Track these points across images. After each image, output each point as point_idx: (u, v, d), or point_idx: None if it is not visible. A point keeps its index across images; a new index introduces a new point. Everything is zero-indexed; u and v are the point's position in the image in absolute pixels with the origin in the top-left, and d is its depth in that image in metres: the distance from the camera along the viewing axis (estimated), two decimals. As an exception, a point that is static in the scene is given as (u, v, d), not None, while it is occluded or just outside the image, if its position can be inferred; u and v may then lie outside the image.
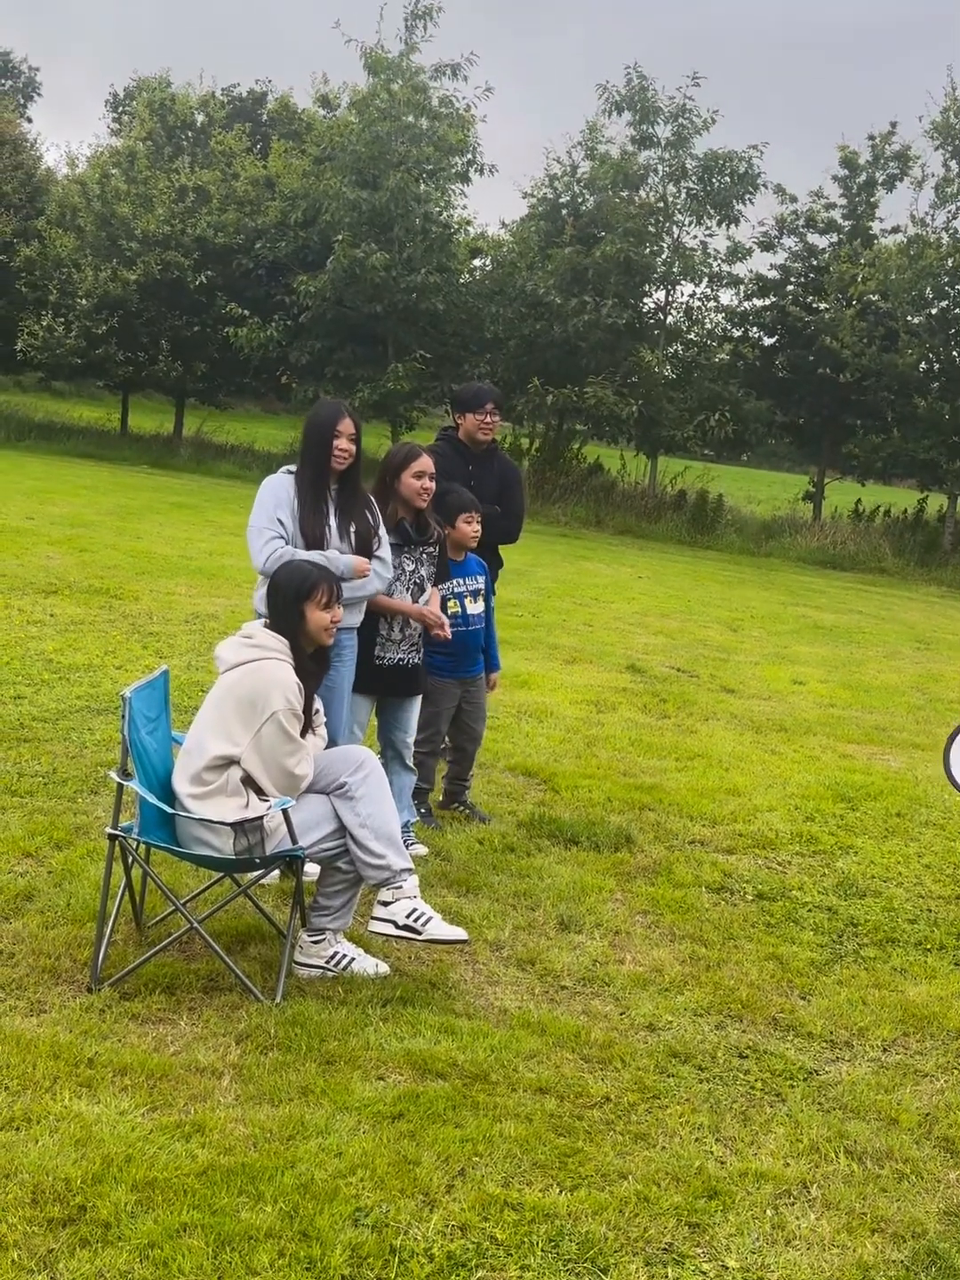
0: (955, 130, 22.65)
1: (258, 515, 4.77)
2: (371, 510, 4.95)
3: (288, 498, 4.77)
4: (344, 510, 4.83)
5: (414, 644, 5.27)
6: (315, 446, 4.77)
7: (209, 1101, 3.34)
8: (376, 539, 4.92)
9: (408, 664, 5.26)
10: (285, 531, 4.72)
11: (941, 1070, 4.04)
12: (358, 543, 4.83)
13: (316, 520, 4.74)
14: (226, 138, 26.83)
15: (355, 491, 4.88)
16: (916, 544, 23.40)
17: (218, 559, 12.87)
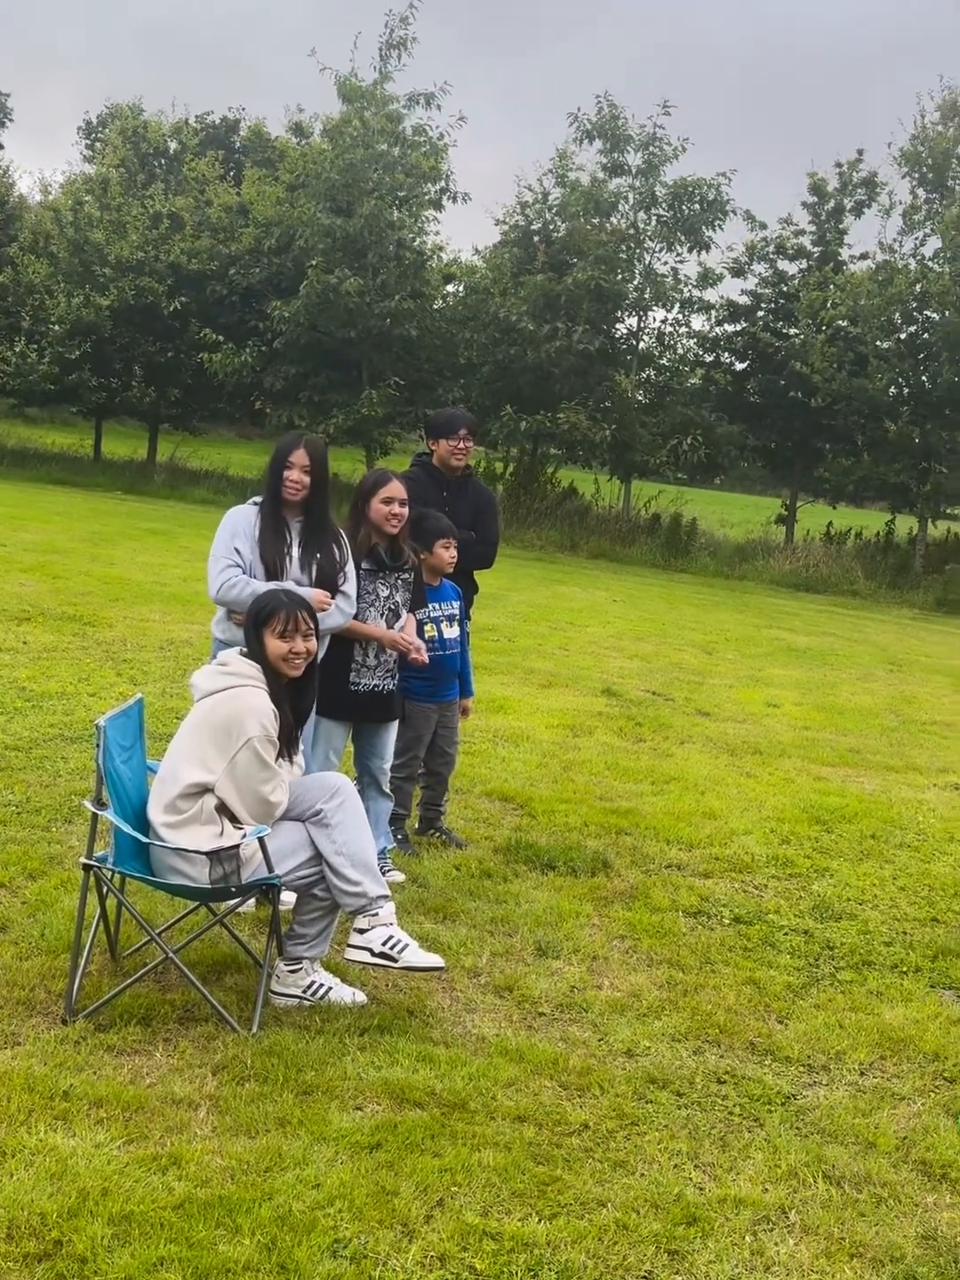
0: (923, 159, 22.96)
1: (216, 543, 4.82)
2: (339, 543, 4.94)
3: (248, 527, 4.80)
4: (307, 542, 4.83)
5: (389, 670, 5.27)
6: (271, 477, 4.83)
7: (185, 1133, 3.32)
8: (342, 574, 4.91)
9: (383, 690, 5.26)
10: (242, 560, 4.74)
11: (918, 1093, 4.05)
12: (319, 575, 4.82)
13: (275, 549, 4.76)
14: (199, 164, 26.92)
15: (320, 523, 4.87)
16: (888, 566, 23.60)
17: (192, 585, 12.84)
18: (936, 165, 22.86)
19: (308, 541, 4.84)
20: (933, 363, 23.08)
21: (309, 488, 4.79)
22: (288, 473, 4.77)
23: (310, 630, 4.23)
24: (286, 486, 4.77)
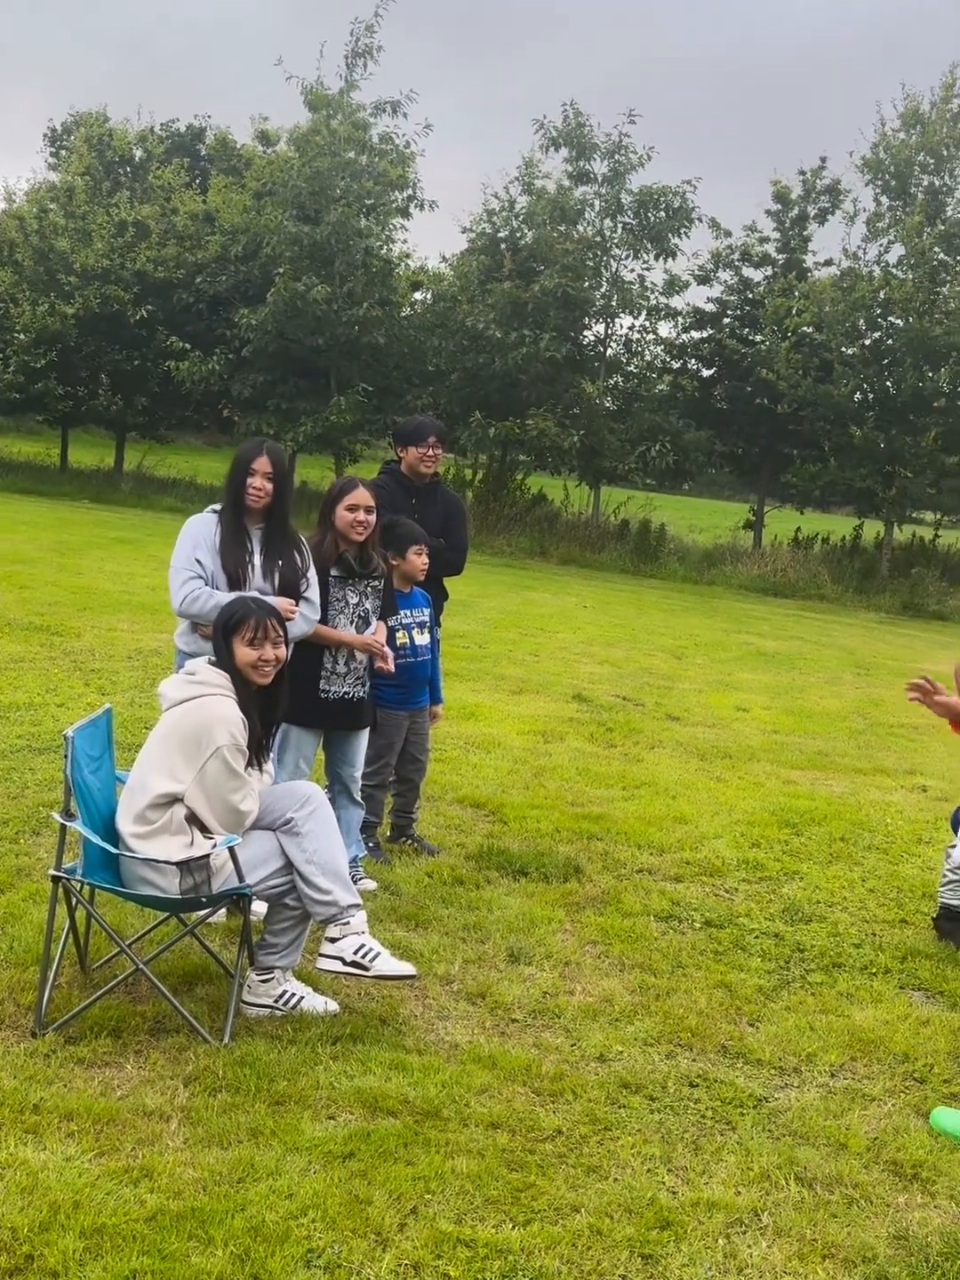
0: (885, 166, 23.17)
1: (176, 555, 4.77)
2: (300, 550, 4.92)
3: (208, 536, 4.75)
4: (268, 549, 4.81)
5: (359, 677, 5.26)
6: (232, 484, 4.78)
7: (157, 1145, 3.30)
8: (305, 580, 4.88)
9: (353, 697, 5.25)
10: (204, 571, 4.70)
11: (889, 1094, 4.08)
12: (282, 582, 4.79)
13: (237, 557, 4.73)
14: (165, 172, 26.84)
15: (281, 530, 4.84)
16: (854, 571, 23.78)
17: (160, 594, 12.76)
18: (899, 172, 23.07)
19: (269, 549, 4.81)
20: (897, 368, 23.28)
21: (271, 494, 4.77)
22: (250, 480, 4.73)
23: (280, 638, 4.23)
24: (249, 494, 4.74)
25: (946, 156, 22.86)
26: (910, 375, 22.80)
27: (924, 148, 22.83)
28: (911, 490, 23.63)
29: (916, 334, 22.36)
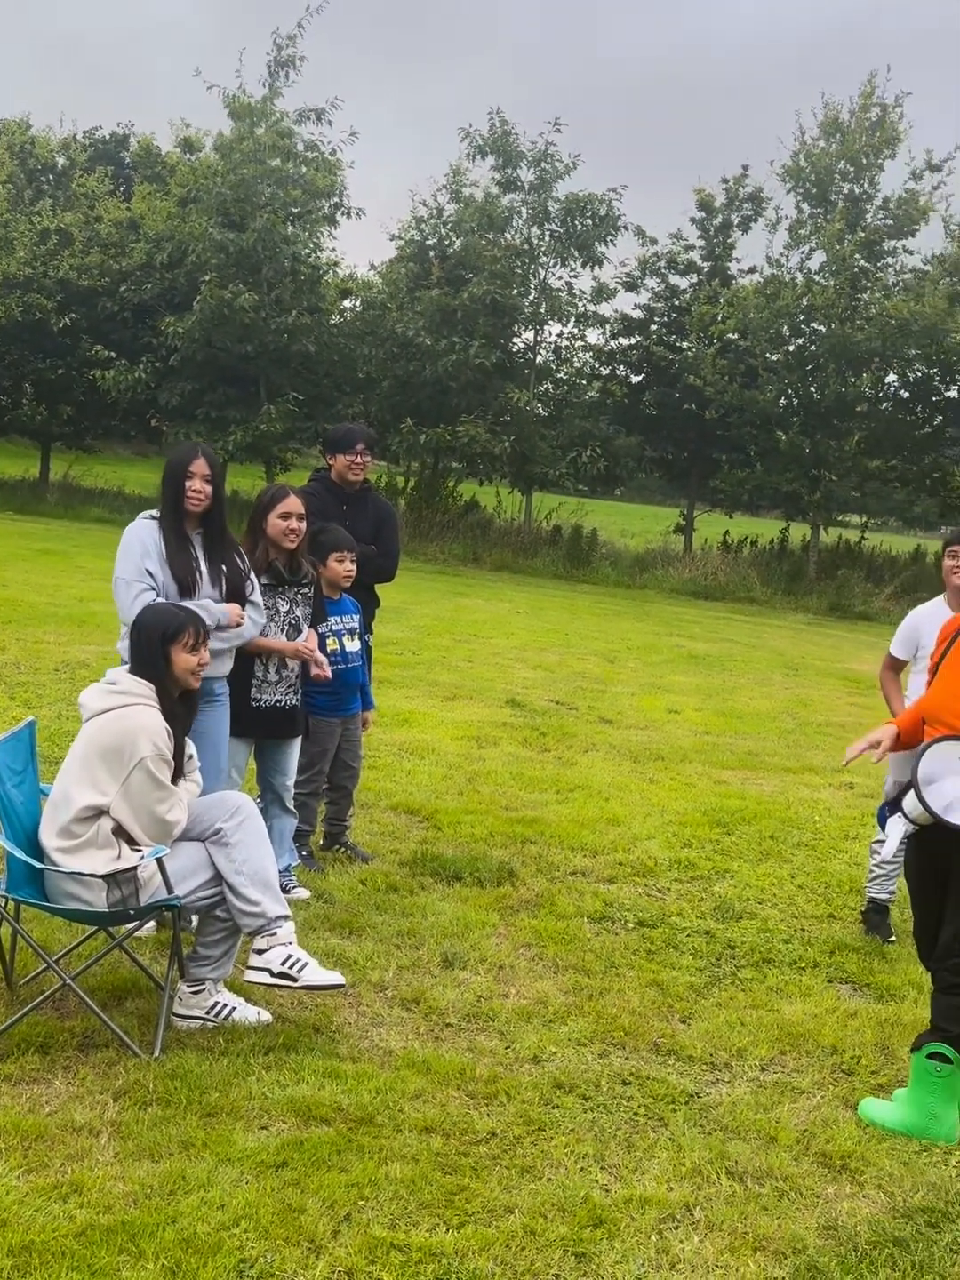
0: (805, 174, 23.53)
1: (124, 567, 4.66)
2: (240, 554, 4.90)
3: (154, 544, 4.67)
4: (211, 555, 4.77)
5: (291, 685, 5.25)
6: (170, 489, 4.69)
7: (87, 1160, 3.26)
8: (249, 583, 4.88)
9: (285, 705, 5.23)
10: (155, 582, 4.63)
11: (817, 1086, 4.14)
12: (229, 588, 4.78)
13: (185, 565, 4.67)
14: (89, 180, 26.54)
15: (220, 535, 4.80)
16: (783, 573, 24.10)
17: (88, 605, 12.63)
18: (820, 180, 23.43)
19: (212, 554, 4.77)
20: (820, 374, 23.63)
21: (210, 497, 4.73)
22: (189, 483, 4.66)
23: (206, 641, 4.24)
24: (189, 498, 4.67)
25: (865, 164, 23.27)
26: (833, 380, 23.17)
27: (844, 156, 23.23)
28: (836, 493, 24.01)
29: (838, 340, 22.73)
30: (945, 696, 4.03)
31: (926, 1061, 3.89)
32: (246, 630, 4.83)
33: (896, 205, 23.33)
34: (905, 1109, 3.92)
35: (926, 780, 3.87)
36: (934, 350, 22.80)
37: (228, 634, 4.73)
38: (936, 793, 3.85)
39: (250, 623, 4.84)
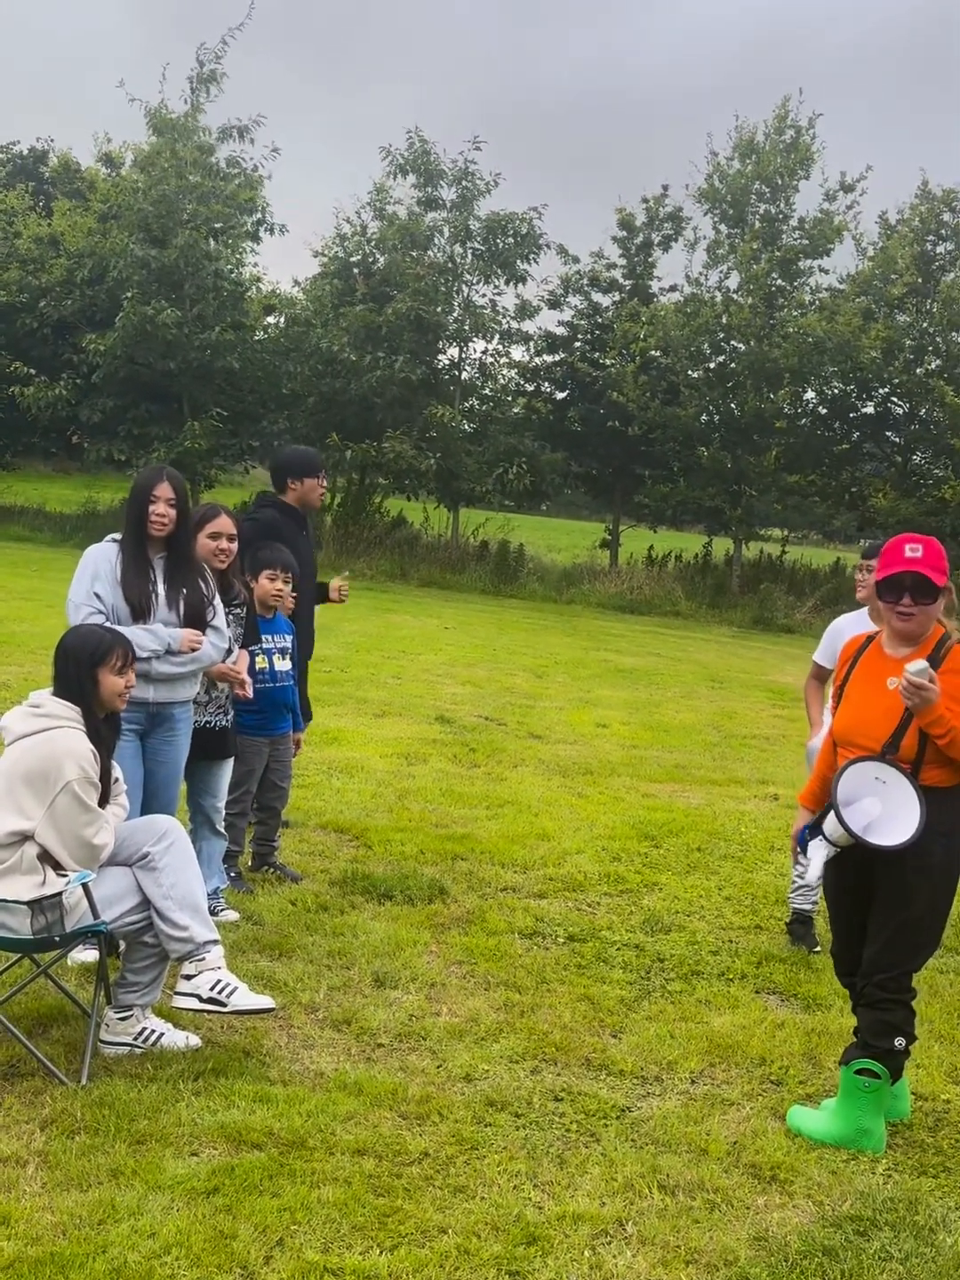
0: (721, 195, 23.90)
1: (75, 589, 4.62)
2: (204, 578, 4.84)
3: (109, 568, 4.62)
4: (172, 578, 4.71)
5: (221, 705, 5.21)
6: (134, 513, 4.65)
7: (14, 1191, 3.21)
8: (211, 608, 4.81)
9: (215, 726, 5.19)
10: (103, 605, 4.58)
11: (746, 1098, 4.18)
12: (188, 611, 4.71)
13: (140, 588, 4.62)
14: (9, 197, 26.20)
15: (184, 558, 4.75)
16: (707, 587, 24.38)
17: (8, 625, 12.43)
18: (736, 201, 23.82)
19: (173, 577, 4.71)
20: (739, 390, 23.98)
21: (174, 521, 4.68)
22: (153, 507, 4.61)
23: (135, 664, 4.20)
24: (152, 522, 4.62)
25: (780, 185, 23.70)
26: (752, 397, 23.53)
27: (759, 176, 23.63)
28: (757, 508, 24.36)
29: (757, 357, 23.10)
30: (853, 719, 4.02)
31: (855, 1077, 3.95)
32: (204, 654, 4.76)
33: (811, 225, 23.78)
34: (834, 1121, 3.97)
35: (845, 801, 3.86)
36: (849, 367, 23.25)
37: (181, 658, 4.68)
38: (856, 813, 3.84)
39: (210, 647, 4.78)
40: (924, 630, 3.96)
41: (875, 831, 3.83)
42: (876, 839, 3.82)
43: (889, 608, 3.97)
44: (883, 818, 3.83)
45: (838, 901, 4.16)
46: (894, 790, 3.82)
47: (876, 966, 3.95)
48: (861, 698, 4.02)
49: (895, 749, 3.86)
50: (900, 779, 3.82)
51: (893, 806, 3.81)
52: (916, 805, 3.77)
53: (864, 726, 3.96)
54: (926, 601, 3.90)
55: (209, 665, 4.85)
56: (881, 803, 3.83)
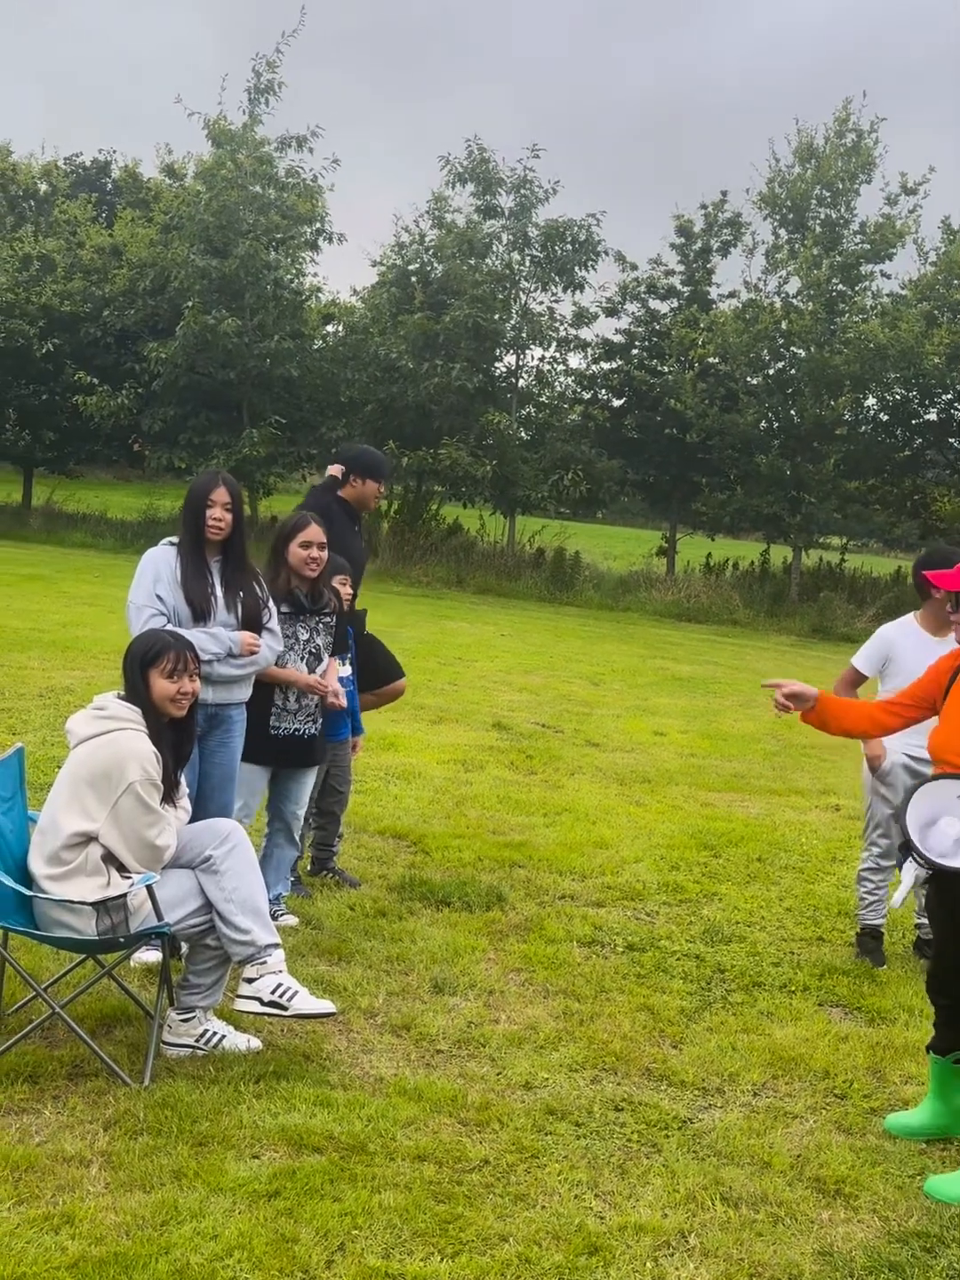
0: (781, 200, 23.74)
1: (136, 592, 4.69)
2: (259, 581, 4.90)
3: (169, 570, 4.69)
4: (229, 581, 4.77)
5: (310, 714, 5.21)
6: (191, 517, 4.73)
7: (78, 1191, 3.24)
8: (266, 611, 4.86)
9: (304, 735, 5.20)
10: (165, 607, 4.64)
11: (810, 1111, 4.13)
12: (245, 614, 4.76)
13: (200, 591, 4.68)
14: (71, 206, 26.61)
15: (240, 562, 4.82)
16: (765, 595, 24.16)
17: (71, 630, 12.59)
18: (796, 206, 23.64)
19: (230, 581, 4.78)
20: (799, 397, 23.78)
21: (230, 525, 4.74)
22: (209, 511, 4.69)
23: (196, 671, 4.20)
24: (209, 526, 4.70)
25: (841, 190, 23.49)
26: (810, 404, 23.32)
27: (820, 181, 23.44)
28: (817, 516, 24.12)
29: (817, 363, 22.89)
30: (946, 735, 3.89)
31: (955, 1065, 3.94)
32: (262, 657, 4.81)
33: (873, 230, 23.55)
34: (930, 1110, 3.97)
35: (924, 823, 3.72)
36: (912, 373, 22.97)
37: (241, 661, 4.73)
38: (935, 835, 3.71)
39: (266, 649, 4.83)
40: None
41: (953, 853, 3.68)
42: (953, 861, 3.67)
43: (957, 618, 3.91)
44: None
45: (943, 924, 3.94)
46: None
47: None
48: (953, 713, 3.90)
49: None
50: None
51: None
52: None
53: (954, 743, 3.83)
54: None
55: (265, 667, 4.88)
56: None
